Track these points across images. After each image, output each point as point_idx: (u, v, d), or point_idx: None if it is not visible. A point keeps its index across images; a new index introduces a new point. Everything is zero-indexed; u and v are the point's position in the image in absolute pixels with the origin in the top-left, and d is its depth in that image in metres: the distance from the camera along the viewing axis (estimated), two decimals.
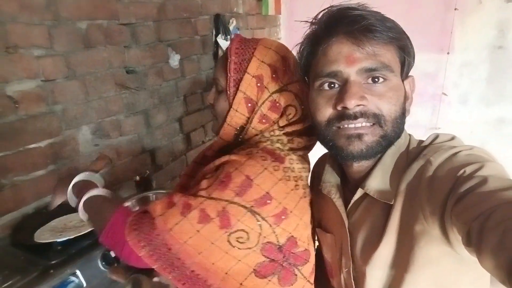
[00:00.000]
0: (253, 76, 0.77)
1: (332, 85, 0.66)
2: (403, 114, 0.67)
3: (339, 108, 0.64)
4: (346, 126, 0.65)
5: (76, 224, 1.02)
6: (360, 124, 0.64)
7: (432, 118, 2.46)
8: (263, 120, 0.78)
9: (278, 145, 0.77)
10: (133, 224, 0.71)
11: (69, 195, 0.85)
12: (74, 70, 1.27)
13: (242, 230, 0.69)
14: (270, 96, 0.78)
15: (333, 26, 0.64)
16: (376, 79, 0.63)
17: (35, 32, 1.14)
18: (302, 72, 0.75)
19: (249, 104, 0.78)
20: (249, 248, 0.70)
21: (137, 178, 1.55)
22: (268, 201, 0.70)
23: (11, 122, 1.09)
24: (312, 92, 0.70)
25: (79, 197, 0.82)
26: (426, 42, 2.31)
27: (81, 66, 1.29)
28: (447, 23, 2.31)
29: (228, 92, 0.79)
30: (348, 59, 0.63)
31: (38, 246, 0.94)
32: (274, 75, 0.77)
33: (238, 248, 0.69)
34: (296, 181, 0.75)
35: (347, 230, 0.73)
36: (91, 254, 0.96)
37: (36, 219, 1.08)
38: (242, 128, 0.80)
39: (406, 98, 0.68)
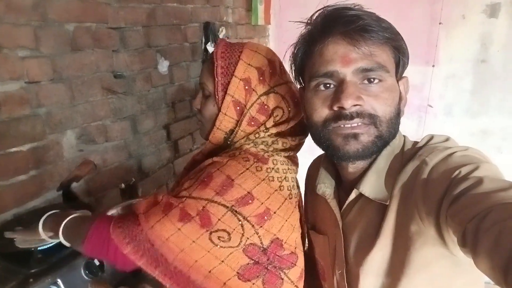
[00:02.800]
0: (240, 79, 0.77)
1: (328, 86, 0.66)
2: (398, 114, 0.67)
3: (335, 108, 0.64)
4: (342, 126, 0.65)
5: None
6: (356, 124, 0.64)
7: (418, 129, 2.50)
8: (252, 123, 0.78)
9: (262, 146, 0.77)
10: (117, 223, 0.71)
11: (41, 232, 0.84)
12: (60, 73, 1.24)
13: (223, 230, 0.69)
14: (258, 98, 0.78)
15: (328, 26, 0.64)
16: (372, 80, 0.63)
17: (21, 32, 1.11)
18: (296, 73, 0.74)
19: (238, 107, 0.78)
20: (232, 247, 0.70)
21: (123, 185, 1.50)
22: (250, 201, 0.69)
23: None
24: (307, 93, 0.69)
25: (56, 226, 0.81)
26: (412, 55, 2.34)
27: (67, 69, 1.26)
28: (432, 36, 2.36)
29: (216, 96, 0.79)
30: (344, 59, 0.63)
31: (17, 254, 0.90)
32: (261, 78, 0.78)
33: (221, 247, 0.69)
34: (280, 182, 0.75)
35: (341, 231, 0.73)
36: (73, 262, 0.91)
37: (14, 226, 1.03)
38: (231, 131, 0.80)
39: (400, 98, 0.68)
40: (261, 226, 0.70)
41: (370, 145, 0.65)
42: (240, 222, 0.69)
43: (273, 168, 0.74)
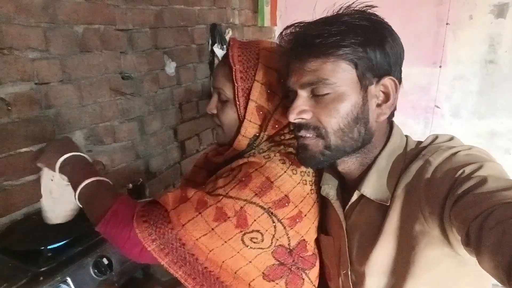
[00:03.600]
0: (262, 84, 0.75)
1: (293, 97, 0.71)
2: (355, 122, 0.67)
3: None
4: (299, 134, 0.71)
5: None
6: (304, 135, 0.69)
7: (425, 130, 2.48)
8: (276, 125, 0.78)
9: (291, 149, 0.76)
10: (142, 215, 0.68)
11: (57, 171, 0.81)
12: (69, 74, 1.25)
13: (257, 231, 0.68)
14: (281, 101, 0.77)
15: (286, 47, 0.70)
16: (319, 92, 0.66)
17: (31, 34, 1.12)
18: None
19: (261, 112, 0.77)
20: (261, 249, 0.69)
21: (130, 185, 1.52)
22: (286, 204, 0.69)
23: (3, 124, 1.06)
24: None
25: (75, 179, 0.79)
26: (419, 56, 2.35)
27: (76, 70, 1.27)
28: (439, 37, 2.35)
29: (237, 102, 0.76)
30: (295, 75, 0.68)
31: (27, 252, 0.91)
32: (281, 79, 0.76)
33: (251, 248, 0.68)
34: (311, 185, 0.76)
35: (345, 231, 0.74)
36: (82, 261, 0.92)
37: (24, 225, 1.05)
38: (256, 137, 0.78)
39: (370, 103, 0.67)
40: (292, 228, 0.71)
41: (318, 155, 0.68)
42: (274, 224, 0.69)
43: (305, 172, 0.75)
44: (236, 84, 0.75)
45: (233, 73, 0.75)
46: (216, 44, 2.04)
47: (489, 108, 2.34)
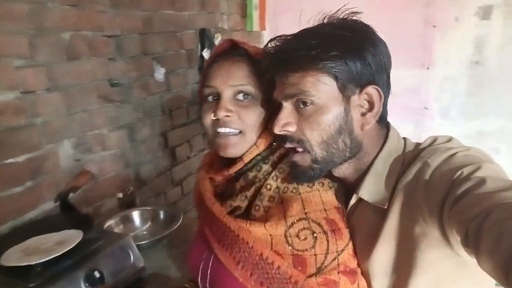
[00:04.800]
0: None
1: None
2: (338, 133, 0.67)
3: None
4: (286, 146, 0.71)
5: (48, 248, 0.94)
6: (289, 144, 0.69)
7: (415, 132, 2.50)
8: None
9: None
10: None
11: None
12: (56, 82, 1.22)
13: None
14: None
15: (267, 62, 0.70)
16: (303, 103, 0.66)
17: (16, 41, 1.09)
18: None
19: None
20: None
21: (120, 194, 1.49)
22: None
23: None
24: None
25: None
26: (407, 58, 2.37)
27: (63, 78, 1.24)
28: (427, 39, 2.38)
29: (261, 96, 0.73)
30: (279, 88, 0.69)
31: (16, 267, 0.87)
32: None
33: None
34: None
35: None
36: (73, 274, 0.89)
37: (11, 238, 1.01)
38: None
39: (353, 112, 0.67)
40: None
41: (307, 169, 0.68)
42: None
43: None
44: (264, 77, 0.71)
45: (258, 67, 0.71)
46: (205, 49, 2.03)
47: (478, 108, 2.37)
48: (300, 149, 0.68)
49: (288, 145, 0.69)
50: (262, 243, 0.67)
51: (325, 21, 0.69)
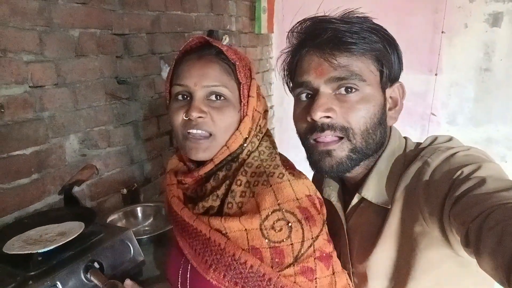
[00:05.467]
0: (256, 82, 0.74)
1: (309, 96, 0.68)
2: (379, 124, 0.66)
3: (309, 119, 0.65)
4: (318, 140, 0.66)
5: (50, 238, 0.96)
6: (328, 137, 0.65)
7: (421, 137, 2.47)
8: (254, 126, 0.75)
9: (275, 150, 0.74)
10: None
11: None
12: (64, 77, 1.25)
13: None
14: (264, 100, 0.77)
15: (304, 39, 0.67)
16: (348, 89, 0.63)
17: (26, 37, 1.12)
18: (288, 81, 0.75)
19: (256, 111, 0.73)
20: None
21: (124, 190, 1.51)
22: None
23: None
24: (294, 103, 0.72)
25: None
26: (414, 63, 2.36)
27: (71, 74, 1.27)
28: (435, 45, 2.37)
29: (243, 101, 0.72)
30: (317, 70, 0.64)
31: (16, 256, 0.89)
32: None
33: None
34: None
35: (346, 233, 0.74)
36: (73, 265, 0.90)
37: (15, 229, 1.03)
38: (246, 139, 0.73)
39: (386, 106, 0.68)
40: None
41: (345, 160, 0.65)
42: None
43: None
44: (241, 81, 0.71)
45: (236, 70, 0.71)
46: None
47: (485, 115, 2.35)
48: (335, 138, 0.65)
49: (327, 133, 0.64)
50: (236, 241, 0.66)
51: (351, 16, 0.67)
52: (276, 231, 0.64)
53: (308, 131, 0.67)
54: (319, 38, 0.64)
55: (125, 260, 1.02)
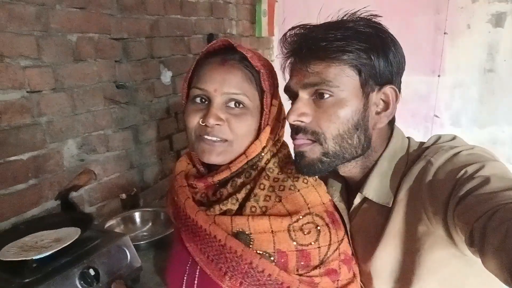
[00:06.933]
0: (278, 91, 0.75)
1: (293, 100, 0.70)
2: (355, 128, 0.66)
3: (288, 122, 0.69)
4: (293, 142, 0.70)
5: (45, 244, 0.95)
6: (301, 140, 0.67)
7: (425, 139, 2.46)
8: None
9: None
10: None
11: None
12: (62, 82, 1.24)
13: None
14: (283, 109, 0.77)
15: (288, 49, 0.70)
16: (322, 95, 0.65)
17: (23, 42, 1.12)
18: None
19: (276, 120, 0.73)
20: None
21: (123, 195, 1.50)
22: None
23: None
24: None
25: None
26: (418, 65, 2.34)
27: (69, 79, 1.27)
28: (437, 46, 2.35)
29: (265, 109, 0.71)
30: (296, 77, 0.68)
31: (11, 263, 0.88)
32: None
33: None
34: None
35: (349, 232, 0.74)
36: (68, 272, 0.89)
37: (11, 235, 1.02)
38: (264, 148, 0.72)
39: (370, 110, 0.67)
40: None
41: (316, 162, 0.67)
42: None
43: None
44: (265, 89, 0.70)
45: (261, 78, 0.70)
46: None
47: (490, 116, 2.32)
48: (308, 141, 0.67)
49: (299, 137, 0.68)
50: (261, 244, 0.65)
51: (347, 18, 0.69)
52: (305, 233, 0.65)
53: (292, 132, 0.71)
54: (296, 46, 0.68)
55: (122, 266, 1.01)
